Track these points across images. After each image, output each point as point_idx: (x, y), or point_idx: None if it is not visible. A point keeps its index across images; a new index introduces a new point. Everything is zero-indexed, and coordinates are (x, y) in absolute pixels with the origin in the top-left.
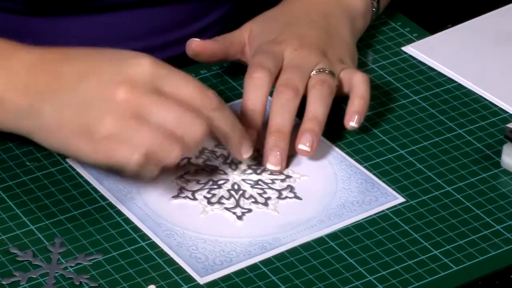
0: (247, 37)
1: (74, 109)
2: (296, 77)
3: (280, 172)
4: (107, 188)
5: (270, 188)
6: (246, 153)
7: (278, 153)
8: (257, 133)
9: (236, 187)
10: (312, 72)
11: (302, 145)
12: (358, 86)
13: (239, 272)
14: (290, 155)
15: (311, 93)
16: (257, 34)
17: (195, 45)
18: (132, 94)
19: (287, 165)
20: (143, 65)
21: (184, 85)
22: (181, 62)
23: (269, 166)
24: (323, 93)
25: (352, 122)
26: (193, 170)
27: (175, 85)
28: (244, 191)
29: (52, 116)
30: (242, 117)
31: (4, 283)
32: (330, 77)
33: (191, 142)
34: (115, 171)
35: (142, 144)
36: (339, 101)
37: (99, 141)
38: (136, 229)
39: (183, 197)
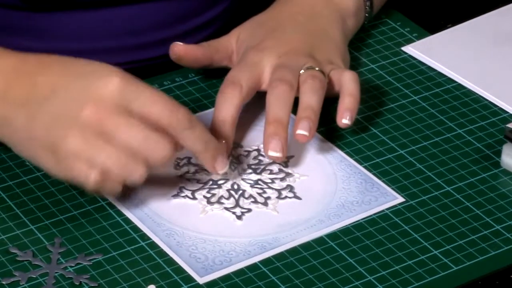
0: (235, 44)
1: (44, 124)
2: (288, 74)
3: (281, 161)
4: None
5: (269, 187)
6: (220, 168)
7: (278, 140)
8: (229, 145)
9: (235, 186)
10: (301, 71)
11: (300, 130)
12: (348, 84)
13: (239, 272)
14: (290, 156)
15: (303, 87)
16: (244, 40)
17: (178, 49)
18: (98, 113)
19: (287, 165)
20: (112, 83)
21: (152, 105)
22: None
23: (271, 153)
24: (315, 86)
25: (344, 119)
26: (193, 170)
27: (143, 104)
28: (244, 190)
29: (23, 128)
30: (212, 129)
31: (4, 283)
32: (320, 73)
33: (155, 162)
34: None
35: (100, 163)
36: (337, 100)
37: (62, 158)
38: (136, 229)
39: (183, 197)
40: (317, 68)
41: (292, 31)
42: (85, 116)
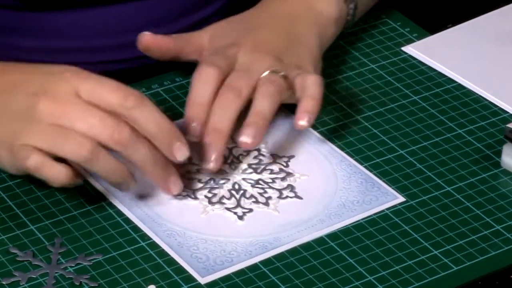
0: (207, 39)
1: (2, 122)
2: (240, 80)
3: (215, 172)
4: (107, 188)
5: (270, 187)
6: (179, 154)
7: (213, 153)
8: (200, 127)
9: (236, 186)
10: (263, 75)
11: (244, 137)
12: (309, 87)
13: (240, 272)
14: (291, 156)
15: (257, 91)
16: (217, 36)
17: (146, 39)
18: (52, 104)
19: (287, 165)
20: (64, 77)
21: (101, 87)
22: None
23: (205, 165)
24: (270, 90)
25: (301, 121)
26: (194, 169)
27: (92, 88)
28: (245, 190)
29: None
30: (186, 111)
31: (4, 283)
32: (280, 78)
33: (105, 141)
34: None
35: (40, 142)
36: (338, 101)
37: (17, 151)
38: (136, 229)
39: (184, 196)
40: (281, 73)
41: (268, 32)
42: (40, 109)
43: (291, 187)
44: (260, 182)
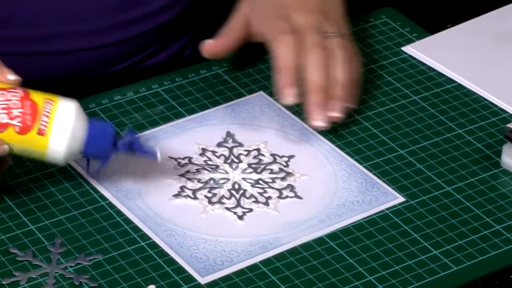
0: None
1: None
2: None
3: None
4: (107, 188)
5: (270, 187)
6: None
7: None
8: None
9: (236, 186)
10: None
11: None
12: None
13: (239, 272)
14: (291, 156)
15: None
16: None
17: (209, 47)
18: None
19: (287, 165)
20: None
21: None
22: (183, 62)
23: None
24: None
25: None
26: (194, 169)
27: None
28: (245, 190)
29: None
30: (277, 78)
31: (4, 283)
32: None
33: None
34: None
35: None
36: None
37: None
38: (136, 229)
39: (184, 196)
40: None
41: None
42: None
43: (291, 187)
44: (260, 182)
